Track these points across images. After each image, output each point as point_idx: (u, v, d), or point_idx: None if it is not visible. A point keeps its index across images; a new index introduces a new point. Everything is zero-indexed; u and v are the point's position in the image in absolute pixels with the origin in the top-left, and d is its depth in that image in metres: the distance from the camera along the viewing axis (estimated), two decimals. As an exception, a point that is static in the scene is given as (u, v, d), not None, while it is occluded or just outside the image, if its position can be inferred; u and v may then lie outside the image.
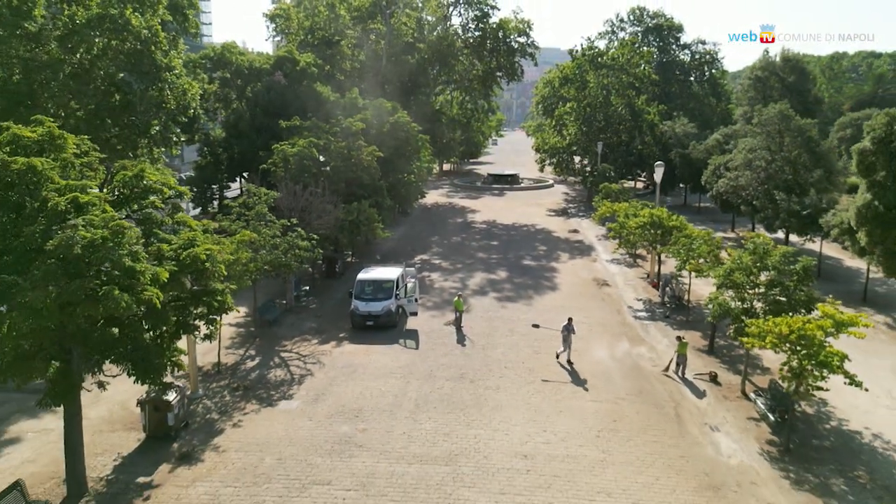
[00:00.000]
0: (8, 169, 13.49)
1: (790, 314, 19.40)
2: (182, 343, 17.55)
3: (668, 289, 33.04)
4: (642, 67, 69.43)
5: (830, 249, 41.21)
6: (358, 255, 42.11)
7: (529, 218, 59.70)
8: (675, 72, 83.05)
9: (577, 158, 75.42)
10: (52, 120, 15.74)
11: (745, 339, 18.93)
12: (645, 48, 78.19)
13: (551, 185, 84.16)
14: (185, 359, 17.36)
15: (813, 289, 21.68)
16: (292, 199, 31.73)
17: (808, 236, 37.80)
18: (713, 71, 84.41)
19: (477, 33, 72.50)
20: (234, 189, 55.69)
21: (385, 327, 28.82)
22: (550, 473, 17.44)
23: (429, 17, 74.18)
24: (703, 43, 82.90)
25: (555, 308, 32.23)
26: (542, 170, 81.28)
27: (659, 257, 35.63)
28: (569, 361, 24.99)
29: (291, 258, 26.97)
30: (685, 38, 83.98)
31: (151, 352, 14.75)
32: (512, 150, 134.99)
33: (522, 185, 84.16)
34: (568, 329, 25.25)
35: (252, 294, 28.79)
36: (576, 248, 47.49)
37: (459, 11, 73.18)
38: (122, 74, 31.22)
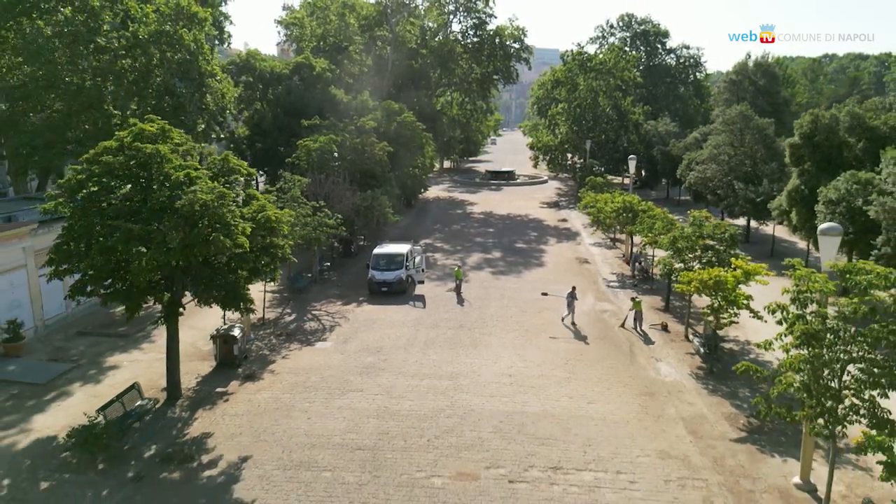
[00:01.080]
0: (140, 152, 19.10)
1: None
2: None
3: (637, 263, 38.68)
4: (628, 71, 74.97)
5: (785, 233, 46.73)
6: (370, 238, 47.62)
7: (523, 209, 65.22)
8: (662, 75, 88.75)
9: (568, 156, 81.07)
10: (159, 118, 21.37)
11: (676, 286, 24.59)
12: (634, 52, 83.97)
13: (545, 182, 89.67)
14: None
15: (739, 252, 27.23)
16: (318, 187, 37.36)
17: (762, 220, 43.40)
18: (697, 74, 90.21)
19: (475, 39, 78.21)
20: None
21: (397, 292, 34.46)
22: (528, 385, 23.09)
23: (430, 24, 79.82)
24: (688, 48, 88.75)
25: (541, 280, 37.87)
26: (535, 166, 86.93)
27: (631, 238, 41.25)
28: (573, 322, 30.18)
29: (320, 233, 32.60)
30: (671, 43, 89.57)
31: (237, 287, 20.35)
32: (510, 150, 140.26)
33: (518, 181, 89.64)
34: (571, 296, 30.51)
35: (286, 266, 34.37)
36: (563, 234, 53.13)
37: (459, 19, 78.94)
38: (173, 81, 36.88)
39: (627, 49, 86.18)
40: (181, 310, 21.04)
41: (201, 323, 28.73)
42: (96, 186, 19.31)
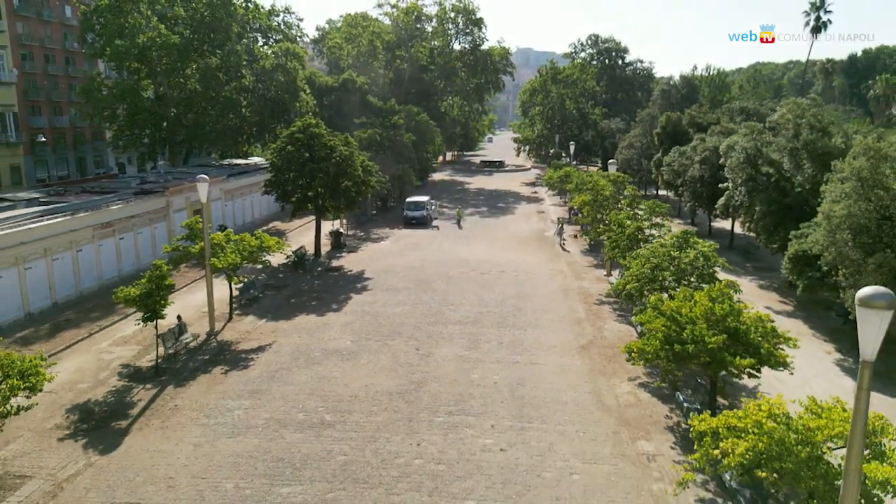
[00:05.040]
0: (310, 132, 41.26)
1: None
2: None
3: (572, 209, 60.96)
4: (589, 81, 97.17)
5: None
6: (397, 200, 69.93)
7: (507, 186, 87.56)
8: (622, 83, 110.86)
9: (545, 147, 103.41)
10: (312, 118, 43.49)
11: (570, 202, 46.83)
12: (597, 64, 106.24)
13: (529, 169, 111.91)
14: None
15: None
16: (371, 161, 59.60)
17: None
18: (651, 84, 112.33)
19: (471, 57, 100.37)
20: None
21: (422, 224, 56.77)
22: (493, 254, 45.46)
23: (437, 44, 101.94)
24: (642, 62, 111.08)
25: (511, 221, 60.28)
26: (517, 155, 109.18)
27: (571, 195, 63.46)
28: (560, 243, 51.93)
29: (379, 185, 54.81)
30: (629, 57, 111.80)
31: (354, 200, 42.53)
32: (503, 146, 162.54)
33: (507, 168, 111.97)
34: (561, 228, 52.35)
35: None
36: (532, 199, 75.55)
37: (459, 41, 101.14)
38: (280, 94, 59.22)
39: (595, 63, 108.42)
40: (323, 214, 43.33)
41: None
42: (290, 148, 41.47)
